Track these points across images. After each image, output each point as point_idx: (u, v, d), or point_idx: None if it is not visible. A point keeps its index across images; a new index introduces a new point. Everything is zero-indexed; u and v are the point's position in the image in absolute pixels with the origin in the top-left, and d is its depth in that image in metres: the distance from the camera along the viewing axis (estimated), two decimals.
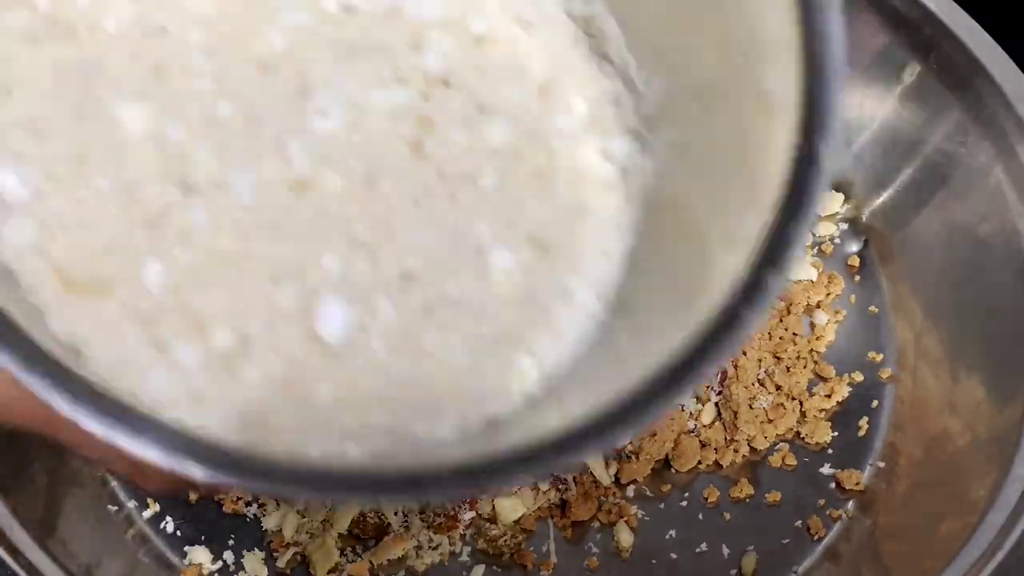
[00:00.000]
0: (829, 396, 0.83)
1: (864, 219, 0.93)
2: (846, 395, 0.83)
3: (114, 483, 0.75)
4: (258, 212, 0.39)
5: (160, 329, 0.37)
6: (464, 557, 0.75)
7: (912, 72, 0.86)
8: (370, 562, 0.72)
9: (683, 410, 0.80)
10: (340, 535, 0.74)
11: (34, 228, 0.37)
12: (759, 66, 0.38)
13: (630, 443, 0.77)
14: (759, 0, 0.37)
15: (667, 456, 0.79)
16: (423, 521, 0.74)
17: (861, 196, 0.94)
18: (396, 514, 0.74)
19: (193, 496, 0.73)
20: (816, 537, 0.76)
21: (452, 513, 0.74)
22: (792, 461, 0.80)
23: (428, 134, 0.42)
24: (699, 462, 0.79)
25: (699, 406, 0.81)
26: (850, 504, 0.78)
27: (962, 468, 0.73)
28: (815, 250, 0.93)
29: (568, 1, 0.45)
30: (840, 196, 0.95)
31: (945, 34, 0.82)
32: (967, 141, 0.82)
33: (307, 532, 0.73)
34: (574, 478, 0.77)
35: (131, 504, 0.74)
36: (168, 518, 0.74)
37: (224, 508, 0.74)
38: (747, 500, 0.78)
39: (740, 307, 0.31)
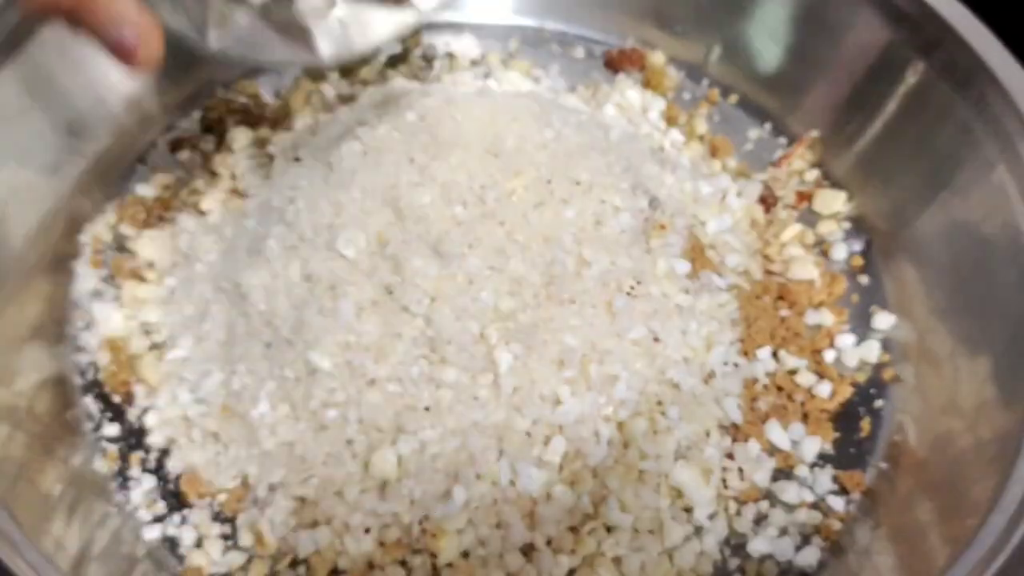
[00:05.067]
0: (831, 396, 0.82)
1: (867, 218, 0.93)
2: (848, 395, 0.83)
3: (114, 483, 0.75)
4: None
5: None
6: None
7: (916, 71, 0.86)
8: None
9: None
10: None
11: None
12: None
13: None
14: None
15: None
16: None
17: (864, 195, 0.93)
18: None
19: None
20: (818, 538, 0.76)
21: None
22: (793, 461, 0.80)
23: None
24: None
25: None
26: (852, 505, 0.78)
27: (965, 469, 0.72)
28: (817, 250, 0.92)
29: None
30: (843, 195, 0.94)
31: (948, 33, 0.82)
32: (970, 140, 0.82)
33: None
34: None
35: (131, 505, 0.74)
36: (168, 519, 0.74)
37: (225, 509, 0.74)
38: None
39: None
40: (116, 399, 0.79)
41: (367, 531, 0.72)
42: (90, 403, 0.78)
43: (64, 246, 0.84)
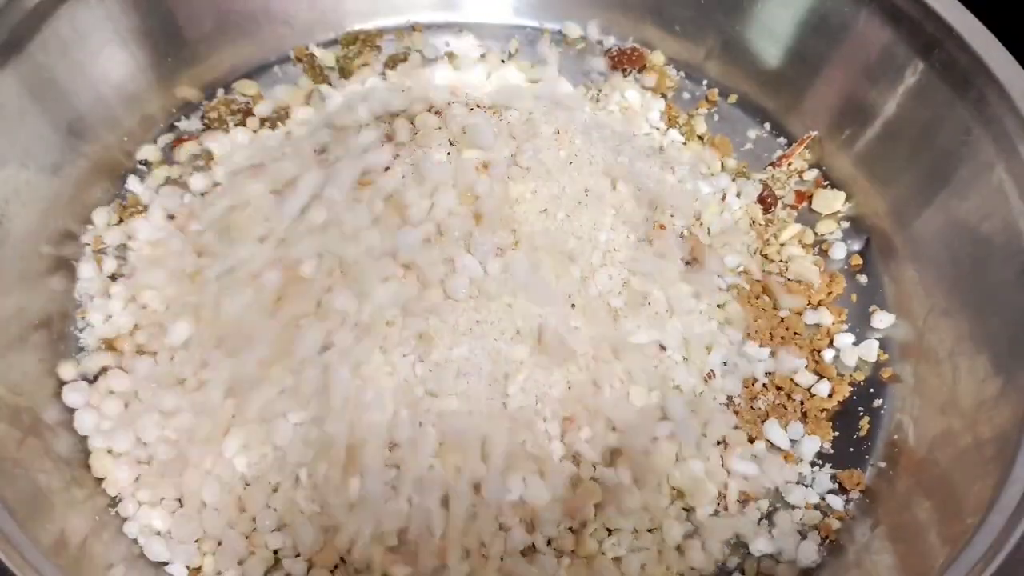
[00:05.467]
0: (830, 396, 0.82)
1: (866, 218, 0.93)
2: (847, 395, 0.83)
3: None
4: None
5: None
6: None
7: (915, 71, 0.86)
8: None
9: None
10: None
11: None
12: None
13: None
14: None
15: None
16: None
17: (863, 195, 0.93)
18: None
19: None
20: (818, 537, 0.76)
21: None
22: (792, 460, 0.80)
23: None
24: None
25: None
26: (851, 504, 0.78)
27: (963, 468, 0.72)
28: (816, 249, 0.92)
29: None
30: (842, 195, 0.94)
31: (948, 33, 0.82)
32: (969, 140, 0.82)
33: None
34: None
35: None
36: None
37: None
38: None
39: None
40: None
41: (368, 531, 0.72)
42: None
43: (65, 246, 0.84)
